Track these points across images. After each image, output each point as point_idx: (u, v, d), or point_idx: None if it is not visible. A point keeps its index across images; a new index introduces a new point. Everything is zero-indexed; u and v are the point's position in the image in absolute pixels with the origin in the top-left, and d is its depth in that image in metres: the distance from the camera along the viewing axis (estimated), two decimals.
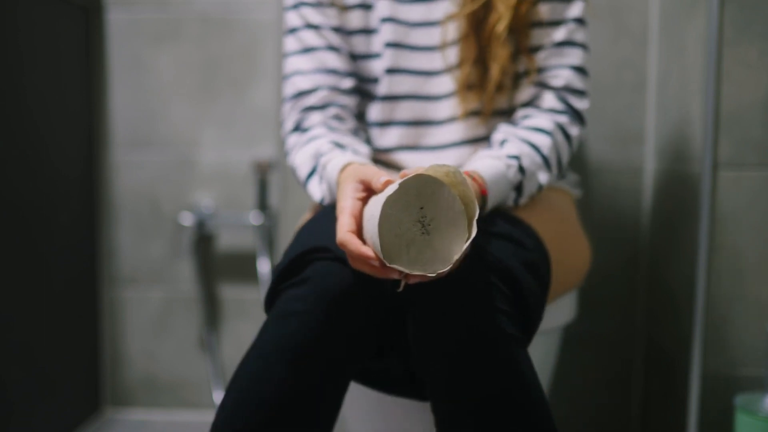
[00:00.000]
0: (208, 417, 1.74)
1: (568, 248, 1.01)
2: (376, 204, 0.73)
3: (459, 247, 0.72)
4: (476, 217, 0.72)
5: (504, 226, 0.84)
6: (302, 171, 0.98)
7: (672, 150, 1.36)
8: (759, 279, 1.17)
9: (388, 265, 0.70)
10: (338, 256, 0.78)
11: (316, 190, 0.96)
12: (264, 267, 1.65)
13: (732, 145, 1.15)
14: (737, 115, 1.15)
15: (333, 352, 0.77)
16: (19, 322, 1.40)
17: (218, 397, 1.67)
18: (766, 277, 1.17)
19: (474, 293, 0.76)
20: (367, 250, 0.72)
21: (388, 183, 0.76)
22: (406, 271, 0.71)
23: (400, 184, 0.71)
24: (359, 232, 0.76)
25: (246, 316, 1.69)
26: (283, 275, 0.80)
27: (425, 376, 0.79)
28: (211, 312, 1.70)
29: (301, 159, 0.98)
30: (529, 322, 0.80)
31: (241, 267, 1.69)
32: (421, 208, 0.72)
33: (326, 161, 0.92)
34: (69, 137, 1.59)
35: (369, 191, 0.80)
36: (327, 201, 0.94)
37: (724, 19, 1.14)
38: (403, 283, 0.73)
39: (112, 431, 1.63)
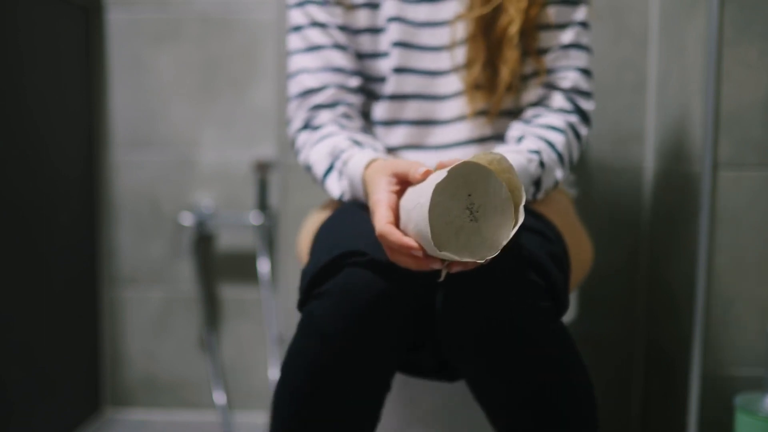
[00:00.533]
0: (209, 417, 1.74)
1: (573, 246, 1.02)
2: (419, 193, 0.73)
3: (506, 233, 0.73)
4: (522, 203, 0.73)
5: (529, 220, 0.85)
6: (319, 167, 0.98)
7: (672, 150, 1.36)
8: (759, 279, 1.17)
9: (437, 251, 0.70)
10: (371, 259, 0.77)
11: (335, 187, 0.95)
12: (264, 267, 1.65)
13: (732, 145, 1.16)
14: (737, 115, 1.15)
15: (360, 361, 0.78)
16: (19, 322, 1.40)
17: (218, 397, 1.67)
18: (765, 277, 1.17)
19: (511, 283, 0.77)
20: (410, 241, 0.72)
21: (428, 173, 0.76)
22: (456, 257, 0.71)
23: (449, 172, 0.71)
24: (397, 225, 0.76)
25: (246, 316, 1.69)
26: (313, 281, 0.80)
27: (462, 369, 0.81)
28: (211, 312, 1.70)
29: (316, 156, 0.98)
30: (558, 310, 0.81)
31: (241, 267, 1.69)
32: (469, 195, 0.73)
33: (347, 157, 0.92)
34: (69, 137, 1.59)
35: (403, 185, 0.80)
36: (347, 197, 0.94)
37: (724, 19, 1.14)
38: (444, 273, 0.74)
39: (113, 431, 1.64)
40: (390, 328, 0.78)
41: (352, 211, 0.87)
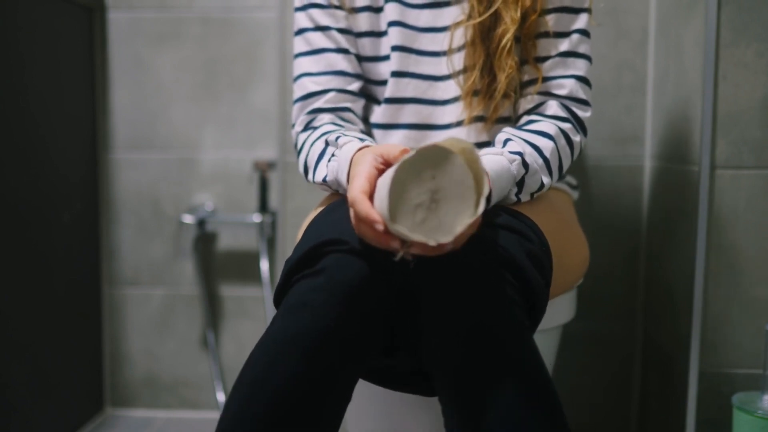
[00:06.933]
0: (210, 416, 1.75)
1: (568, 247, 1.02)
2: (389, 170, 0.74)
3: (464, 221, 0.73)
4: (484, 195, 0.73)
5: (507, 219, 0.85)
6: (314, 154, 0.99)
7: (670, 150, 1.36)
8: (756, 278, 1.18)
9: (390, 224, 0.71)
10: (353, 248, 0.78)
11: (323, 170, 0.96)
12: (264, 266, 1.66)
13: (729, 146, 1.16)
14: (734, 116, 1.16)
15: (344, 343, 0.78)
16: (22, 322, 1.41)
17: (221, 396, 1.68)
18: (763, 277, 1.18)
19: (483, 282, 0.77)
20: (375, 213, 0.73)
21: (404, 152, 0.78)
22: (408, 234, 0.71)
23: (417, 151, 0.72)
24: (371, 198, 0.77)
25: (247, 315, 1.70)
26: (295, 267, 0.81)
27: (434, 366, 0.80)
28: (212, 311, 1.71)
29: (314, 151, 0.99)
30: (535, 312, 0.81)
31: (242, 266, 1.70)
32: (434, 177, 0.73)
33: (344, 143, 0.93)
34: (71, 137, 1.59)
35: (387, 165, 0.81)
36: (330, 178, 0.95)
37: (721, 21, 1.14)
38: (401, 254, 0.74)
39: (115, 431, 1.64)
40: (372, 313, 0.79)
41: (340, 207, 0.88)
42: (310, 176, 1.00)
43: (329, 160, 0.95)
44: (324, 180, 0.96)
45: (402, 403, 1.01)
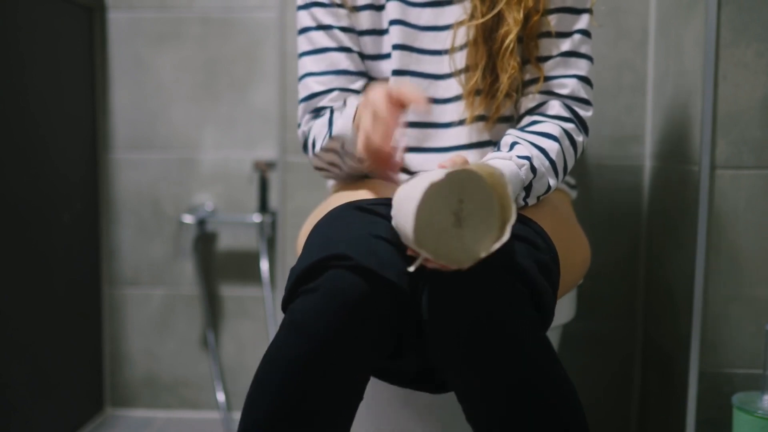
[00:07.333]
0: (210, 416, 1.75)
1: (569, 247, 1.02)
2: (413, 186, 0.74)
3: (487, 247, 0.73)
4: (511, 222, 0.73)
5: (517, 226, 0.85)
6: (321, 126, 1.02)
7: (670, 150, 1.36)
8: (756, 278, 1.18)
9: (415, 245, 0.71)
10: (357, 264, 0.78)
11: (330, 129, 1.00)
12: (264, 266, 1.66)
13: (729, 146, 1.16)
14: (734, 116, 1.16)
15: (344, 350, 0.78)
16: (22, 322, 1.41)
17: (221, 396, 1.68)
18: (763, 277, 1.18)
19: (491, 290, 0.77)
20: (386, 104, 0.82)
21: (429, 104, 0.81)
22: (431, 257, 0.71)
23: (448, 174, 0.72)
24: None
25: (247, 315, 1.70)
26: (299, 279, 0.81)
27: (440, 363, 0.81)
28: (212, 311, 1.71)
29: (321, 123, 1.03)
30: (543, 319, 0.81)
31: (242, 266, 1.70)
32: (461, 201, 0.73)
33: (349, 103, 0.96)
34: (71, 137, 1.59)
35: (399, 102, 0.84)
36: (335, 132, 0.97)
37: (721, 21, 1.14)
38: (418, 263, 0.74)
39: (114, 431, 1.64)
40: (370, 330, 0.79)
41: (344, 215, 0.88)
42: (318, 144, 1.01)
43: (334, 121, 0.98)
44: (330, 136, 0.97)
45: (404, 403, 1.01)
